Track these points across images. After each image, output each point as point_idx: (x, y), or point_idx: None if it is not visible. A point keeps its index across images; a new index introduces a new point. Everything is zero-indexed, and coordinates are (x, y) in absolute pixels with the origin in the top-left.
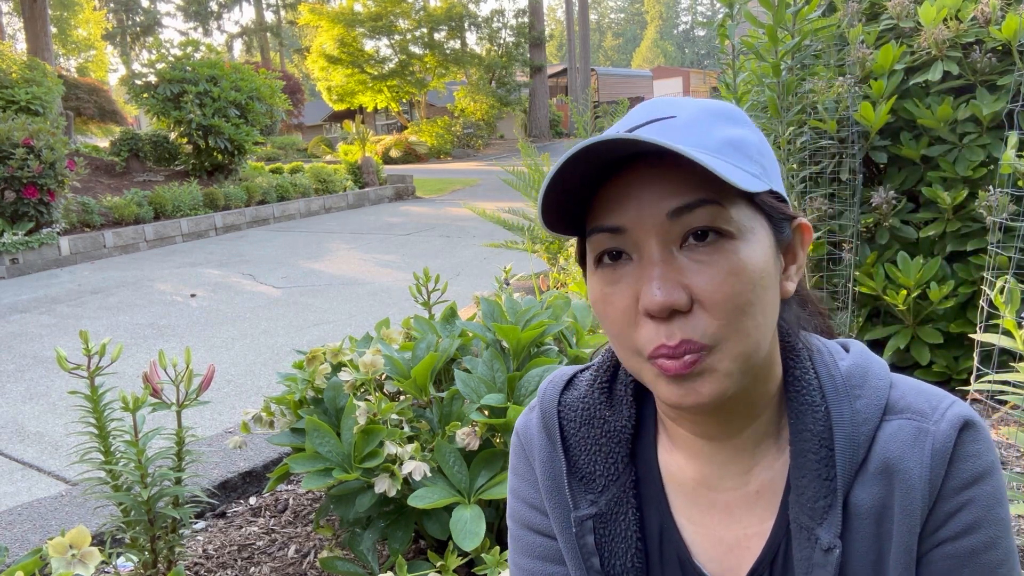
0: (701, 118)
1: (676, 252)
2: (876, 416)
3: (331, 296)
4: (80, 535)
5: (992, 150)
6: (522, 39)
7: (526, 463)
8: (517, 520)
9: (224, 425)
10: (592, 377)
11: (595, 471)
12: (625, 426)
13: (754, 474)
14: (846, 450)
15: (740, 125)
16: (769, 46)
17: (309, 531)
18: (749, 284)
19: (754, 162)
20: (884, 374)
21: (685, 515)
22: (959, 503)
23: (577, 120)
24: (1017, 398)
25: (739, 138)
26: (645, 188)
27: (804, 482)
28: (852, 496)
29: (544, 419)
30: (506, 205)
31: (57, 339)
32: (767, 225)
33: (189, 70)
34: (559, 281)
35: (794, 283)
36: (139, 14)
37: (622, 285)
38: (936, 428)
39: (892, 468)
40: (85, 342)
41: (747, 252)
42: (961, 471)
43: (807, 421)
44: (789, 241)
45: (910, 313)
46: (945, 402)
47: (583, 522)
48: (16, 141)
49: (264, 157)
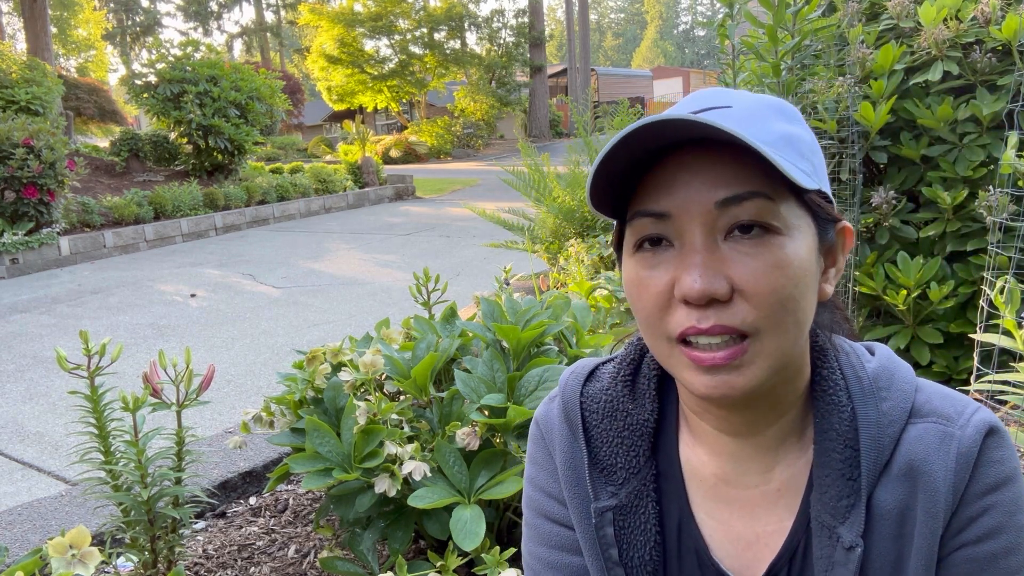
0: (758, 110)
1: (720, 242)
2: (902, 418)
3: (331, 296)
4: (80, 535)
5: (992, 150)
6: (522, 39)
7: (545, 452)
8: (534, 509)
9: (224, 425)
10: (615, 370)
11: (616, 463)
12: (648, 419)
13: (776, 472)
14: (871, 451)
15: (794, 122)
16: (769, 46)
17: (309, 531)
18: (792, 280)
19: (806, 160)
20: (910, 378)
21: (705, 510)
22: (981, 508)
23: (577, 120)
24: (1017, 398)
25: (794, 134)
26: (695, 175)
27: (828, 481)
28: (875, 497)
29: (566, 410)
30: (506, 205)
31: (57, 339)
32: (812, 225)
33: (189, 70)
34: (559, 281)
35: (832, 286)
36: (139, 14)
37: (660, 270)
38: (962, 433)
39: (916, 470)
40: (85, 342)
41: (792, 248)
42: (985, 476)
43: (833, 421)
44: (832, 243)
45: (910, 313)
46: (971, 408)
47: (603, 513)
48: (16, 141)
49: (264, 157)
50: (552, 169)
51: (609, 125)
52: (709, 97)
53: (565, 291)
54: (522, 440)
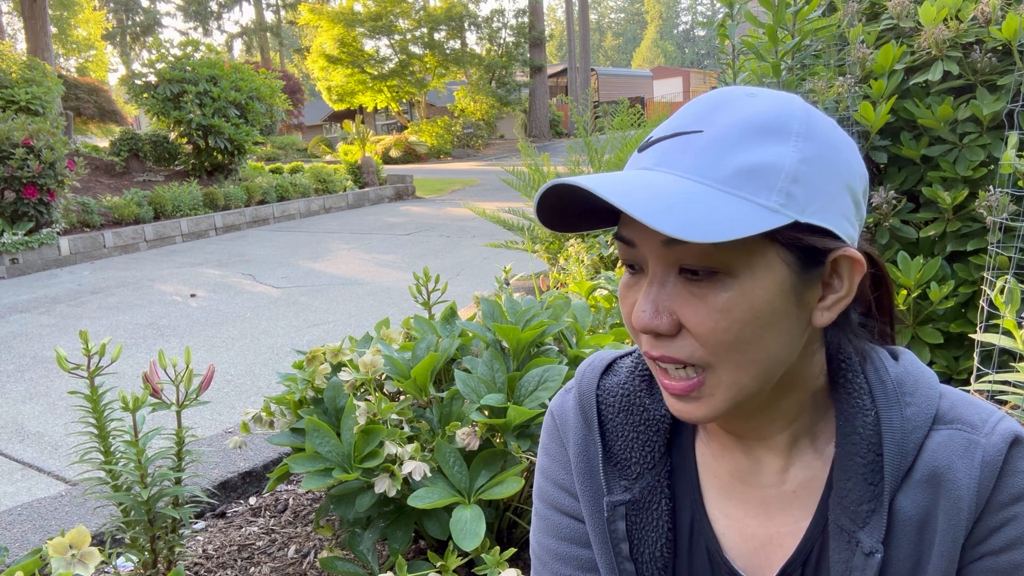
0: (729, 137)
1: (673, 278)
2: (926, 424)
3: (331, 296)
4: (80, 535)
5: (992, 150)
6: (522, 39)
7: (559, 444)
8: (545, 500)
9: (224, 425)
10: (633, 364)
11: (631, 458)
12: (665, 415)
13: (791, 473)
14: (895, 456)
15: (780, 142)
16: (769, 46)
17: (309, 531)
18: (738, 323)
19: (776, 191)
20: (935, 384)
21: (719, 508)
22: (1005, 517)
23: (577, 120)
24: (1017, 398)
25: (765, 163)
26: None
27: (848, 485)
28: (896, 503)
29: (582, 402)
30: (506, 205)
31: (57, 339)
32: (789, 258)
33: (189, 70)
34: (559, 281)
35: (833, 313)
36: (139, 14)
37: (632, 291)
38: (987, 441)
39: (940, 477)
40: (85, 342)
41: (746, 290)
42: (1010, 486)
43: (856, 424)
44: (822, 274)
45: (910, 313)
46: (996, 416)
47: (615, 507)
48: (16, 141)
49: (264, 157)
50: (552, 169)
51: (609, 125)
52: (690, 118)
53: (565, 291)
54: (522, 440)
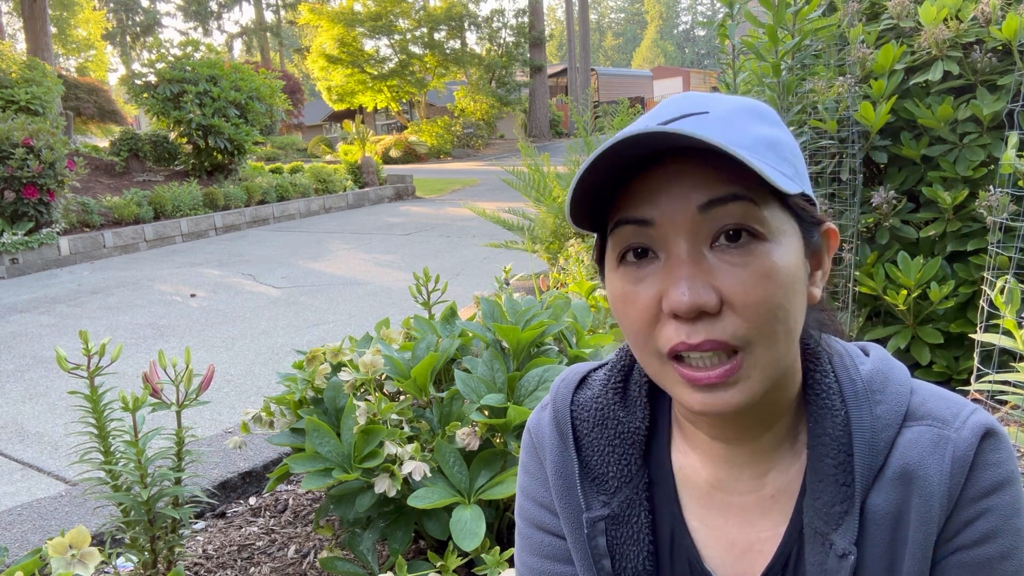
0: (736, 114)
1: (706, 252)
2: (896, 422)
3: (331, 296)
4: (80, 535)
5: (992, 150)
6: (522, 39)
7: (537, 461)
8: (526, 518)
9: (224, 425)
10: (606, 376)
11: (608, 472)
12: (639, 427)
13: (770, 478)
14: (865, 456)
15: (773, 125)
16: (769, 46)
17: (309, 531)
18: (781, 288)
19: (788, 163)
20: (905, 380)
21: (698, 518)
22: (977, 511)
23: (577, 120)
24: (1017, 398)
25: (774, 137)
26: (675, 182)
27: (821, 487)
28: (868, 501)
29: (557, 418)
30: (506, 205)
31: (57, 339)
32: (798, 229)
33: (189, 70)
34: (559, 281)
35: (820, 289)
36: (139, 14)
37: (646, 284)
38: (957, 436)
39: (911, 474)
40: (85, 342)
41: (779, 255)
42: (981, 479)
43: (826, 425)
44: (817, 246)
45: (910, 313)
46: (966, 410)
47: (595, 523)
48: (16, 141)
49: (264, 157)
50: (552, 169)
51: (609, 125)
52: (686, 103)
53: (565, 291)
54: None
